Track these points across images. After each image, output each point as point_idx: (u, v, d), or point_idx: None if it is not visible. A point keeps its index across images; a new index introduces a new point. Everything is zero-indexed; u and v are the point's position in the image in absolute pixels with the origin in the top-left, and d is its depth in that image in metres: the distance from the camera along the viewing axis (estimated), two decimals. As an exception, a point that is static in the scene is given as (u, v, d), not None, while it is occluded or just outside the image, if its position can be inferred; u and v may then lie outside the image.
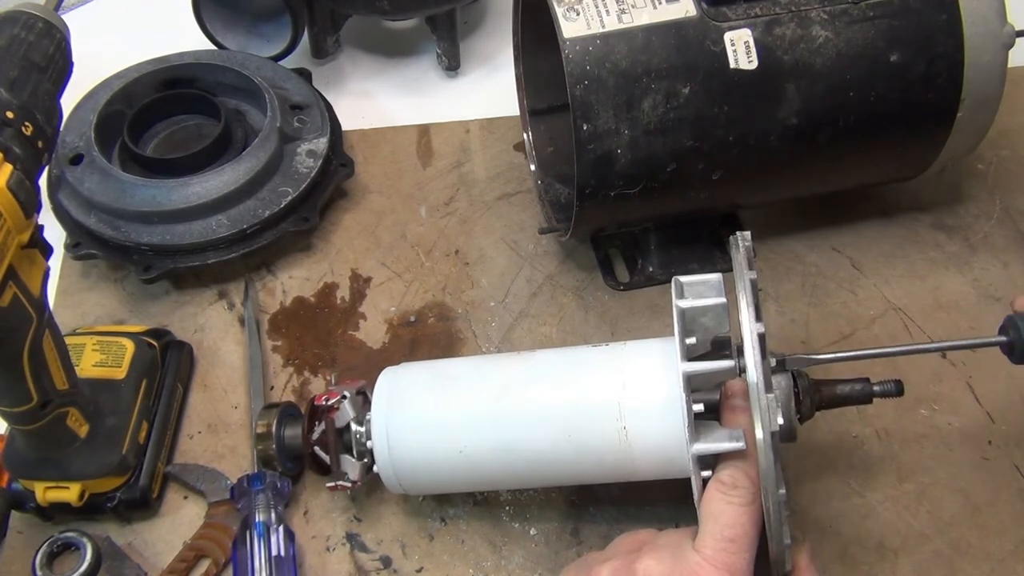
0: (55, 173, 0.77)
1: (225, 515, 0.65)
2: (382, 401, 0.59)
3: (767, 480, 0.47)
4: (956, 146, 0.71)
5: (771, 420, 0.46)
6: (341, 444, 0.60)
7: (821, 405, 0.54)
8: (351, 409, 0.60)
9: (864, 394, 0.54)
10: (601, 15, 0.64)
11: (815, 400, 0.54)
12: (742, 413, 0.51)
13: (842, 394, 0.55)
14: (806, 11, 0.65)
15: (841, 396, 0.55)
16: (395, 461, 0.58)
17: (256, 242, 0.75)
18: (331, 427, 0.60)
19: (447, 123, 0.89)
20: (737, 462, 0.50)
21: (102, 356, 0.66)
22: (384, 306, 0.76)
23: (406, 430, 0.58)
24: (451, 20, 0.90)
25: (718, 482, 0.50)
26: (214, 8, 0.88)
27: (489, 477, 0.59)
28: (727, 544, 0.48)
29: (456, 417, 0.58)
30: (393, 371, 0.61)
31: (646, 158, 0.65)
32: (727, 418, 0.52)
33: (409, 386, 0.60)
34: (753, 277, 0.49)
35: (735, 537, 0.48)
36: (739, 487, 0.49)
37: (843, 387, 0.55)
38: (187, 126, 0.83)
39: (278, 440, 0.62)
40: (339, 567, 0.63)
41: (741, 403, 0.52)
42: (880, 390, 0.54)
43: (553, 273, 0.78)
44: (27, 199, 0.49)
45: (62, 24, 0.54)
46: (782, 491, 0.47)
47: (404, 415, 0.58)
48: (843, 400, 0.55)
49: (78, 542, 0.63)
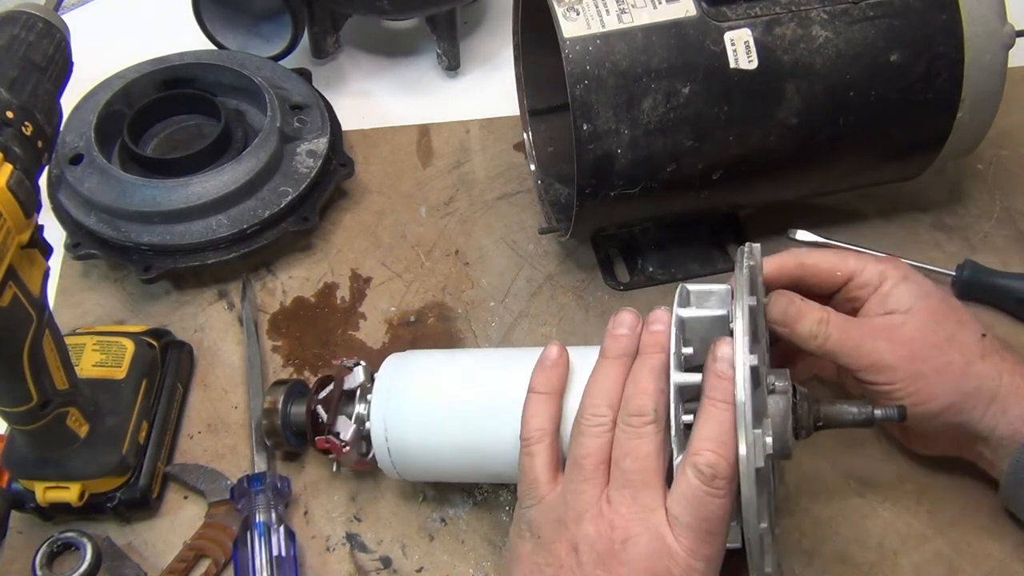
0: (55, 173, 0.77)
1: (225, 515, 0.65)
2: (384, 384, 0.59)
3: (748, 511, 0.45)
4: (956, 146, 0.71)
5: (756, 455, 0.45)
6: (343, 406, 0.61)
7: (819, 426, 0.52)
8: (363, 375, 0.61)
9: (865, 418, 0.52)
10: (601, 15, 0.64)
11: (813, 419, 0.52)
12: (727, 382, 0.48)
13: (843, 417, 0.52)
14: (806, 11, 0.65)
15: (841, 418, 0.52)
16: (391, 447, 0.59)
17: (256, 242, 0.75)
18: (339, 383, 0.61)
19: (447, 123, 0.89)
20: (715, 446, 0.47)
21: (102, 356, 0.66)
22: (384, 306, 0.76)
23: (402, 418, 0.58)
24: (451, 20, 0.90)
25: (696, 469, 0.47)
26: (214, 8, 0.88)
27: (481, 469, 0.59)
28: (707, 537, 0.47)
29: (450, 408, 0.58)
30: (399, 356, 0.62)
31: (646, 158, 0.65)
32: (710, 383, 0.49)
33: (409, 374, 0.60)
34: (752, 304, 0.48)
35: (714, 531, 0.47)
36: (719, 477, 0.46)
37: (844, 408, 0.52)
38: (187, 126, 0.83)
39: (284, 416, 0.63)
40: (339, 567, 0.63)
41: (727, 370, 0.48)
42: (881, 414, 0.52)
43: (553, 273, 0.78)
44: (27, 199, 0.49)
45: (62, 24, 0.54)
46: (764, 524, 0.46)
47: (402, 402, 0.59)
48: (843, 422, 0.52)
49: (78, 542, 0.63)
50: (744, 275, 0.50)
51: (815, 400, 0.52)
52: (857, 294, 0.58)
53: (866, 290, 0.58)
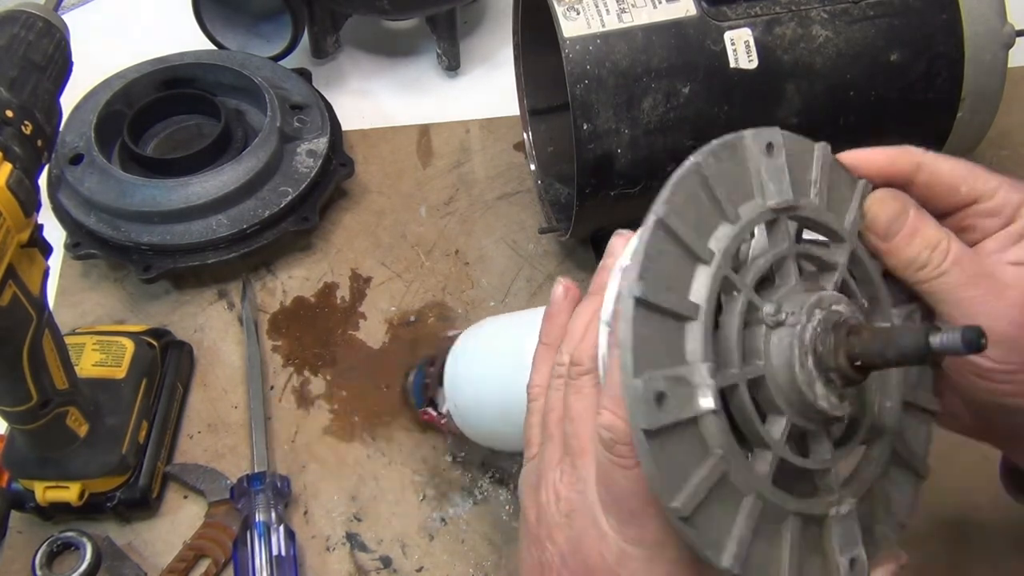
0: (55, 173, 0.77)
1: (225, 515, 0.65)
2: (454, 348, 0.59)
3: (654, 485, 0.34)
4: (956, 146, 0.70)
5: (643, 412, 0.33)
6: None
7: (858, 364, 0.35)
8: None
9: (917, 348, 0.33)
10: (601, 14, 0.64)
11: (848, 356, 0.35)
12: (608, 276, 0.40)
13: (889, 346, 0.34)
14: (806, 10, 0.65)
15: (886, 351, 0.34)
16: (455, 411, 0.59)
17: (256, 242, 0.75)
18: (442, 354, 0.61)
19: (447, 123, 0.89)
20: (612, 402, 0.37)
21: (102, 356, 0.66)
22: (384, 306, 0.76)
23: (457, 381, 0.58)
24: (451, 20, 0.90)
25: (599, 432, 0.38)
26: (214, 8, 0.88)
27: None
28: (629, 518, 0.38)
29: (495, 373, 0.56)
30: (477, 323, 0.61)
31: (646, 158, 0.65)
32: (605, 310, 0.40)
33: (472, 336, 0.60)
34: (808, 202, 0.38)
35: (635, 510, 0.37)
36: (618, 443, 0.37)
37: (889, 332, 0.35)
38: (187, 126, 0.83)
39: (411, 391, 0.67)
40: (339, 567, 0.63)
41: (608, 263, 0.40)
42: (940, 343, 0.32)
43: (553, 273, 0.78)
44: (27, 198, 0.49)
45: (62, 24, 0.54)
46: (675, 503, 0.33)
47: (458, 366, 0.58)
48: (888, 357, 0.34)
49: (78, 542, 0.63)
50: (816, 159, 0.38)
51: (853, 329, 0.35)
52: (977, 223, 0.42)
53: (992, 221, 0.42)
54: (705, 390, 0.34)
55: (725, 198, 0.37)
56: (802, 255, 0.38)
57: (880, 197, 0.41)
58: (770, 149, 0.39)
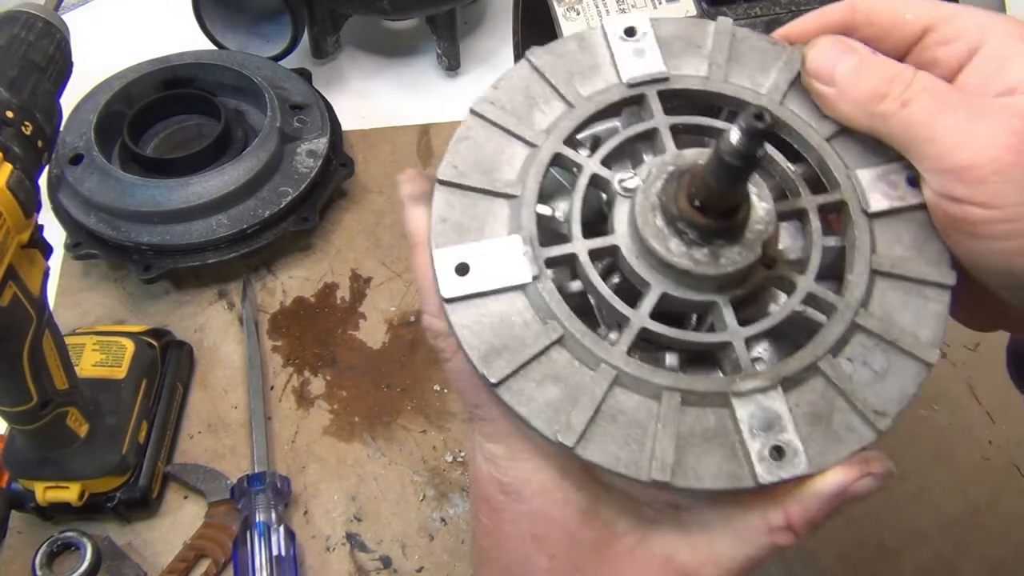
0: (55, 173, 0.77)
1: (225, 515, 0.65)
2: None
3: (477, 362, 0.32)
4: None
5: (446, 284, 0.33)
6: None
7: (696, 205, 0.32)
8: None
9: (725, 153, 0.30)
10: (601, 15, 0.64)
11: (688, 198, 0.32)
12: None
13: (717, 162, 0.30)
14: (806, 11, 0.65)
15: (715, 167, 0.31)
16: None
17: (256, 242, 0.75)
18: None
19: (447, 123, 0.89)
20: (427, 304, 0.36)
21: (102, 356, 0.66)
22: (384, 306, 0.76)
23: None
24: (451, 20, 0.90)
25: (427, 336, 0.36)
26: (214, 8, 0.88)
27: None
28: (476, 410, 0.35)
29: None
30: None
31: (646, 158, 0.65)
32: None
33: None
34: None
35: (477, 403, 0.34)
36: (429, 329, 0.35)
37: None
38: (187, 126, 0.83)
39: None
40: (339, 567, 0.63)
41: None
42: (737, 130, 0.29)
43: (553, 273, 0.78)
44: (27, 198, 0.49)
45: (62, 24, 0.54)
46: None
47: None
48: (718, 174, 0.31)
49: (78, 542, 0.63)
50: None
51: (690, 171, 0.33)
52: (938, 55, 0.35)
53: (955, 48, 0.35)
54: (520, 260, 0.33)
55: (563, 82, 0.36)
56: (690, 127, 0.36)
57: (818, 41, 0.37)
58: (630, 33, 0.38)
